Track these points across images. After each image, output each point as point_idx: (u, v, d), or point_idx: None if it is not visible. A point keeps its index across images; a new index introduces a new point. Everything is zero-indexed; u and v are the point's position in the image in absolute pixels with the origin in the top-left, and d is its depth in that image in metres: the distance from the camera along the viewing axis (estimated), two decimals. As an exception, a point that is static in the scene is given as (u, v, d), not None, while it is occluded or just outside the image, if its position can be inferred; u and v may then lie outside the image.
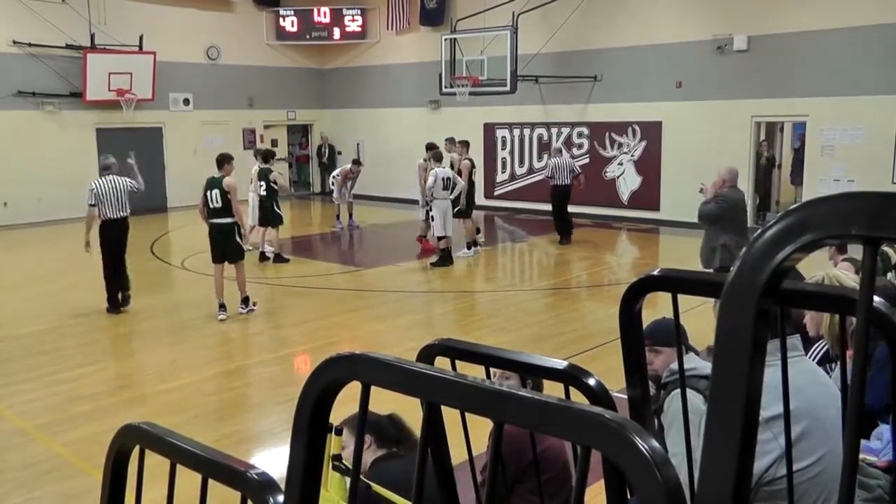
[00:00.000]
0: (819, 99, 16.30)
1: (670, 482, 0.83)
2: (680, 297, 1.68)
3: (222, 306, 10.73)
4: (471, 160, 15.61)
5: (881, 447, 3.34)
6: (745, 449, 0.84)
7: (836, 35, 15.91)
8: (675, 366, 3.84)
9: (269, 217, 14.83)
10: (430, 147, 15.39)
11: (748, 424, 0.84)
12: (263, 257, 14.85)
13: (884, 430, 3.45)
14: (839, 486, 0.91)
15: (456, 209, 14.60)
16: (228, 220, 10.57)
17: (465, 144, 15.95)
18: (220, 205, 10.47)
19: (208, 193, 10.54)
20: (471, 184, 15.27)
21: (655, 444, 0.86)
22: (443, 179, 14.21)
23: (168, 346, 9.92)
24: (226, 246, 10.67)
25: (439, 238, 14.31)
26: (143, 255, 15.73)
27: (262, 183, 14.81)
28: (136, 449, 1.64)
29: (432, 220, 14.46)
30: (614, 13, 19.20)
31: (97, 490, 1.75)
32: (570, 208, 16.94)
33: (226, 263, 10.76)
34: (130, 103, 21.12)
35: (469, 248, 15.30)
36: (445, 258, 14.36)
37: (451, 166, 15.05)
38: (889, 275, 7.91)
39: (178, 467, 1.52)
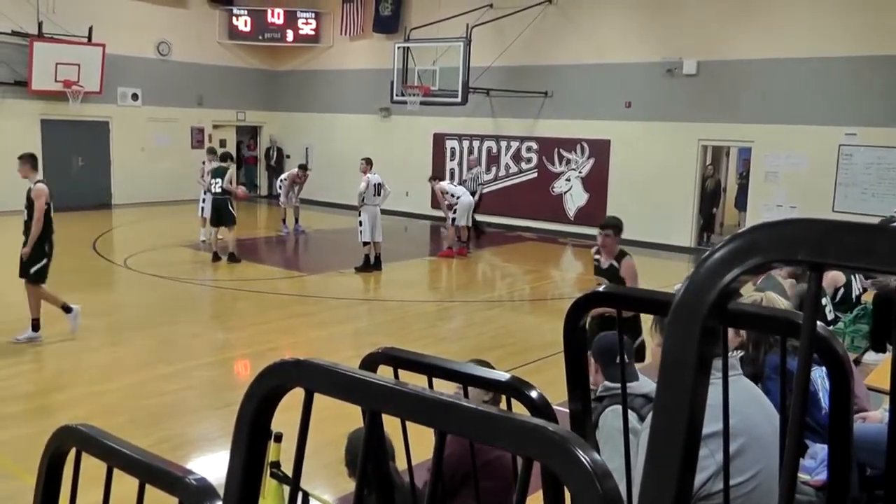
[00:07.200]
0: (764, 126, 16.60)
1: (610, 495, 0.84)
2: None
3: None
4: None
5: (814, 466, 3.42)
6: (687, 465, 0.85)
7: (783, 65, 16.24)
8: (608, 382, 3.89)
9: (222, 216, 14.70)
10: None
11: (690, 441, 0.85)
12: (217, 257, 14.71)
13: (817, 449, 3.54)
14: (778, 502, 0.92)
15: None
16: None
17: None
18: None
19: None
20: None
21: (597, 457, 0.86)
22: (374, 185, 14.33)
23: (106, 346, 9.70)
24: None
25: (364, 244, 14.35)
26: (85, 252, 15.44)
27: (219, 180, 14.65)
28: (73, 451, 1.60)
29: (360, 224, 14.31)
30: (567, 31, 19.37)
31: (29, 493, 1.70)
32: (518, 221, 17.35)
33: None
34: (77, 95, 20.66)
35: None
36: (368, 264, 14.40)
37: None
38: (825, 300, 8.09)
39: (115, 471, 1.49)
